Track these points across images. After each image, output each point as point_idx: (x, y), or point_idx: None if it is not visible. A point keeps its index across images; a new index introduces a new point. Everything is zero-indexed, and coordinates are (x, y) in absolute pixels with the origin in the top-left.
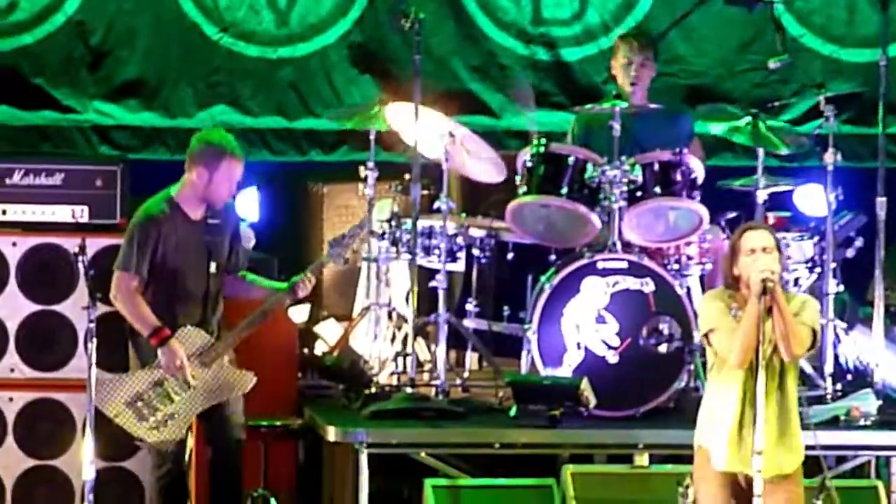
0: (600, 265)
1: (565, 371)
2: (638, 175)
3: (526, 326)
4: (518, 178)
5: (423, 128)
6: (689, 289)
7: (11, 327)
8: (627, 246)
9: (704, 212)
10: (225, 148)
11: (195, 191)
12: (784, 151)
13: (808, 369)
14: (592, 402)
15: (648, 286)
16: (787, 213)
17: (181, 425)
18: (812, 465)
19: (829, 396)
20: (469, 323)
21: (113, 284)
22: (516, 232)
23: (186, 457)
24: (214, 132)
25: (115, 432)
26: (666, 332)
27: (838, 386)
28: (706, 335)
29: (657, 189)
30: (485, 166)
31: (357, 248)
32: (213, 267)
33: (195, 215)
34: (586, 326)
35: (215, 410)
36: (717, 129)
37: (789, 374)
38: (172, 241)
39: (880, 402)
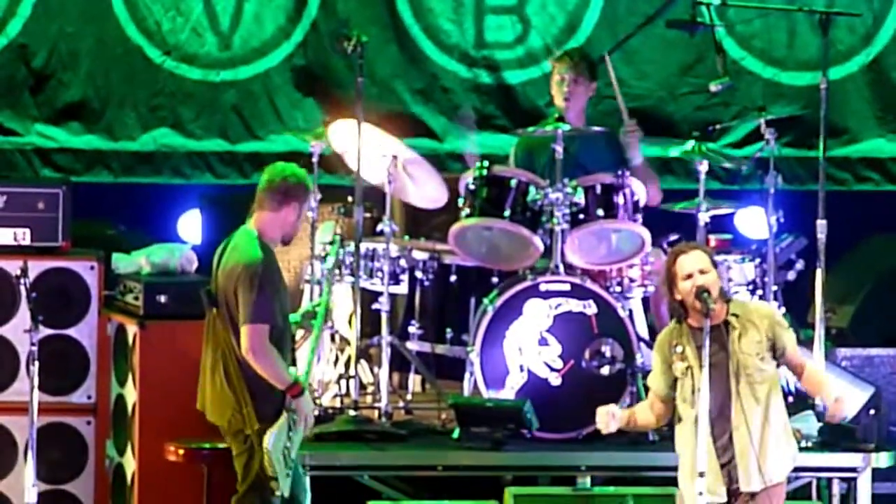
0: (543, 287)
1: (508, 393)
2: (580, 197)
3: (469, 349)
4: (461, 201)
5: (366, 150)
6: (631, 311)
7: None
8: (570, 268)
9: (646, 234)
10: (309, 182)
11: (284, 227)
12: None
13: None
14: (535, 424)
15: (591, 308)
16: (729, 236)
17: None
18: None
19: None
20: (412, 345)
21: (248, 338)
22: (459, 254)
23: None
24: (291, 167)
25: (56, 457)
26: (608, 354)
27: None
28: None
29: (599, 211)
30: (427, 190)
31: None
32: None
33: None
34: (529, 349)
35: None
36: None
37: (759, 388)
38: (279, 282)
39: (821, 424)
